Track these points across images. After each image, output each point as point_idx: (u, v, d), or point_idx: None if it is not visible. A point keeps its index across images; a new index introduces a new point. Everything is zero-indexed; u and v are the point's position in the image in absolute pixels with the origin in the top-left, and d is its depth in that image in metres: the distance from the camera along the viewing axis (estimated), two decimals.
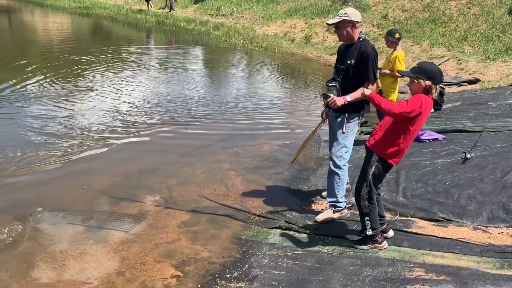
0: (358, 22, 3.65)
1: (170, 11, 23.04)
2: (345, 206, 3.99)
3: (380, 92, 3.41)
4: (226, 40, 16.43)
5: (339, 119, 3.83)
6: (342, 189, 3.89)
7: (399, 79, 5.66)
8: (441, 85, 4.28)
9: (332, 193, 3.93)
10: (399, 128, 3.09)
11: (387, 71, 5.59)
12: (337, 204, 3.93)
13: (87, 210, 4.22)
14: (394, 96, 5.70)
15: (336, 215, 3.95)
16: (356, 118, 3.80)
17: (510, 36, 12.09)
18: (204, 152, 5.78)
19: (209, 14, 21.26)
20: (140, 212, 4.21)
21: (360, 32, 3.76)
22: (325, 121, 4.07)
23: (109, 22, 22.13)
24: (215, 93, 9.30)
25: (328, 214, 3.97)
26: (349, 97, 3.52)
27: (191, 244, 3.70)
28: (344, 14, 3.62)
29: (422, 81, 2.96)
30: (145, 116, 7.17)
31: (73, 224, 3.97)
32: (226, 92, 9.39)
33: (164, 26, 20.12)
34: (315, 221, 3.94)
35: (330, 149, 4.00)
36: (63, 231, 3.86)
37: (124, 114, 7.25)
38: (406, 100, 3.02)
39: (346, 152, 3.83)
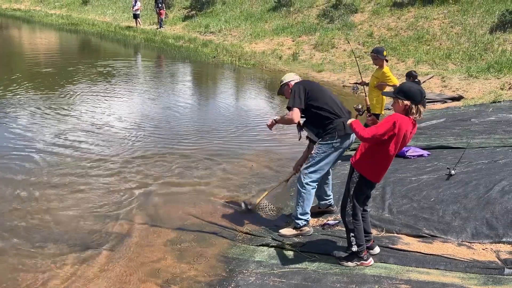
0: (291, 80, 4.16)
1: (159, 28, 23.14)
2: (305, 225, 4.01)
3: (368, 109, 3.48)
4: (215, 57, 16.53)
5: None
6: (302, 207, 3.94)
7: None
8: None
9: (295, 207, 4.04)
10: (377, 148, 3.14)
11: (383, 83, 5.71)
12: (296, 221, 3.99)
13: (70, 230, 4.16)
14: (380, 111, 5.82)
15: (295, 232, 4.01)
16: (330, 141, 3.86)
17: (492, 54, 12.38)
18: (190, 170, 5.75)
19: (198, 31, 21.40)
20: (126, 230, 4.17)
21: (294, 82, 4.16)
22: (297, 174, 4.38)
23: (97, 38, 22.13)
24: (202, 109, 9.31)
25: (289, 230, 4.06)
26: (276, 117, 4.18)
27: (177, 263, 3.66)
28: (281, 81, 4.27)
29: (400, 101, 3.03)
30: (125, 135, 7.13)
31: (57, 244, 3.91)
32: (214, 108, 9.41)
33: (153, 43, 20.18)
34: (278, 233, 4.03)
35: None
36: (50, 252, 3.79)
37: (104, 130, 7.21)
38: (381, 122, 3.09)
39: (313, 172, 3.92)
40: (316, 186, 4.00)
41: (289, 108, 3.94)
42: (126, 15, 26.95)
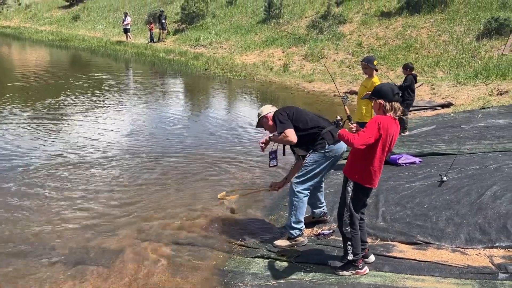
0: (268, 112, 4.15)
1: (150, 42, 23.23)
2: (299, 234, 4.01)
3: (349, 117, 3.52)
4: (206, 69, 16.61)
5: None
6: (295, 215, 3.94)
7: None
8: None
9: (288, 217, 4.03)
10: (366, 153, 3.17)
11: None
12: (290, 231, 3.99)
13: (61, 247, 4.11)
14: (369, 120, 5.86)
15: (289, 243, 4.00)
16: (321, 151, 3.89)
17: (479, 61, 12.58)
18: (184, 182, 5.74)
19: (188, 45, 21.51)
20: (118, 246, 4.13)
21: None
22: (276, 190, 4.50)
23: (88, 53, 22.15)
24: (194, 121, 9.32)
25: (283, 241, 4.04)
26: (271, 135, 4.16)
27: (171, 277, 3.63)
28: (258, 114, 4.25)
29: (375, 101, 3.17)
30: (118, 146, 7.12)
31: (50, 260, 3.86)
32: (206, 120, 9.42)
33: (144, 57, 20.24)
34: (273, 245, 4.02)
35: None
36: (38, 270, 3.75)
37: (95, 142, 7.19)
38: (368, 122, 3.15)
39: (304, 181, 3.93)
40: (308, 194, 4.01)
41: (281, 133, 3.94)
42: (117, 30, 27.05)
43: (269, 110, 4.17)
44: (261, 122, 4.23)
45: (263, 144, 4.21)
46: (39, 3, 39.06)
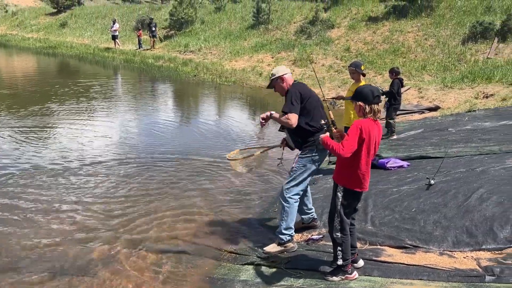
0: (284, 73, 4.02)
1: (138, 49, 23.16)
2: (289, 240, 4.01)
3: (333, 122, 3.54)
4: (195, 75, 16.60)
5: (295, 154, 4.05)
6: (286, 221, 3.95)
7: None
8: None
9: (279, 223, 4.04)
10: (352, 157, 3.20)
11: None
12: (280, 236, 3.99)
13: (50, 256, 4.07)
14: None
15: (279, 248, 4.00)
16: (309, 155, 3.91)
17: (465, 65, 12.76)
18: (173, 189, 5.71)
19: (177, 51, 21.50)
20: (107, 255, 4.10)
21: (295, 80, 4.11)
22: (282, 147, 4.33)
23: (76, 61, 22.02)
24: (184, 128, 9.30)
25: (273, 246, 4.04)
26: (274, 112, 4.00)
27: (161, 286, 3.61)
28: (272, 75, 4.07)
29: (355, 103, 3.23)
30: (103, 154, 7.07)
31: (38, 270, 3.81)
32: (196, 126, 9.41)
33: (132, 63, 20.18)
34: (263, 251, 4.01)
35: None
36: (30, 280, 3.70)
37: (87, 148, 7.14)
38: (349, 130, 3.18)
39: (294, 186, 3.94)
40: (298, 200, 4.02)
41: (285, 113, 3.84)
42: (105, 37, 26.94)
43: (284, 71, 4.04)
44: (274, 83, 4.06)
45: (264, 120, 4.08)
46: (26, 10, 38.77)
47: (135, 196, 5.48)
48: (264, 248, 4.04)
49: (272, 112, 4.01)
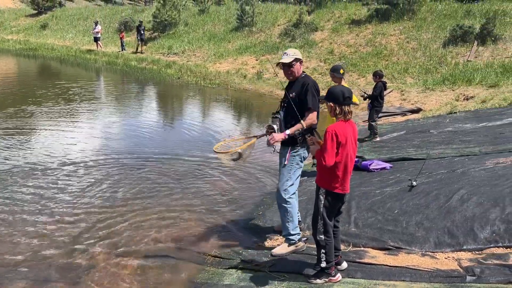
0: (302, 59, 3.99)
1: (121, 51, 22.93)
2: (300, 239, 4.02)
3: (306, 130, 3.59)
4: (179, 77, 16.51)
5: (282, 152, 3.99)
6: (292, 221, 3.94)
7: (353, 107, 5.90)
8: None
9: (283, 226, 4.00)
10: None
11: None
12: (290, 237, 3.97)
13: (29, 262, 3.98)
14: None
15: (291, 248, 3.98)
16: (300, 152, 3.90)
17: (446, 68, 12.97)
18: (156, 193, 5.65)
19: (161, 53, 21.36)
20: (88, 260, 4.02)
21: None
22: (267, 135, 4.13)
23: (57, 63, 21.68)
24: (167, 131, 9.23)
25: (283, 247, 4.00)
26: (288, 131, 3.78)
27: None
28: (294, 54, 3.90)
29: (327, 103, 3.26)
30: (84, 156, 6.96)
31: (15, 278, 3.72)
32: (180, 131, 9.34)
33: (115, 65, 19.97)
34: (271, 255, 3.95)
35: None
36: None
37: (65, 154, 7.02)
38: (324, 139, 3.19)
39: (291, 185, 3.92)
40: (296, 197, 3.99)
41: (309, 109, 3.75)
42: (87, 39, 26.61)
43: (301, 56, 3.96)
44: (295, 63, 3.89)
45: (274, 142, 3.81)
46: (5, 11, 38.00)
47: (116, 200, 5.40)
48: (273, 251, 3.97)
49: (287, 132, 3.78)
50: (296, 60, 3.91)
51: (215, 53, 19.24)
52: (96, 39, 24.00)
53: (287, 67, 3.94)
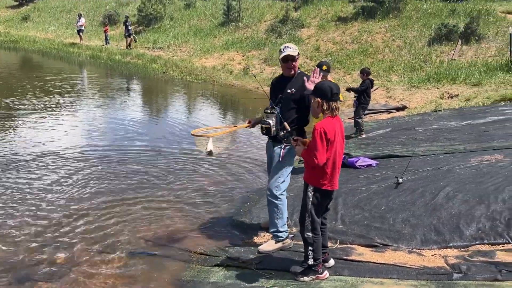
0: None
1: (105, 44, 22.56)
2: (287, 236, 3.99)
3: (290, 133, 3.56)
4: (164, 72, 16.32)
5: (276, 149, 3.92)
6: (281, 219, 3.91)
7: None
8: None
9: (272, 223, 3.95)
10: None
11: None
12: (278, 234, 3.94)
13: (7, 261, 3.86)
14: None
15: (278, 245, 3.95)
16: (291, 149, 3.85)
17: (431, 66, 13.09)
18: (141, 190, 5.55)
19: (146, 47, 21.09)
20: (70, 259, 3.92)
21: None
22: (248, 127, 4.13)
23: (39, 56, 21.23)
24: (151, 127, 9.11)
25: (270, 244, 3.96)
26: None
27: None
28: (296, 48, 3.87)
29: (314, 99, 3.20)
30: (68, 156, 6.82)
31: None
32: (164, 125, 9.23)
33: (99, 59, 19.64)
34: (258, 252, 3.92)
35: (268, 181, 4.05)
36: None
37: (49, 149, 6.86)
38: (313, 137, 3.13)
39: (282, 182, 3.89)
40: (286, 194, 3.95)
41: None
42: (70, 32, 26.13)
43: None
44: (297, 57, 3.89)
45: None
46: None
47: (98, 195, 5.28)
48: (259, 248, 3.94)
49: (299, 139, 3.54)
50: (298, 55, 3.90)
51: (201, 48, 19.08)
52: (79, 32, 23.57)
53: (291, 61, 3.88)
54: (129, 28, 21.50)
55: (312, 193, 3.28)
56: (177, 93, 13.25)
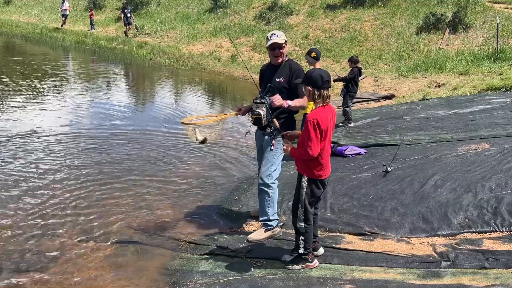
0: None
1: (90, 30, 22.10)
2: (277, 225, 3.98)
3: (278, 129, 3.52)
4: (151, 59, 16.09)
5: (266, 137, 3.87)
6: (272, 207, 3.89)
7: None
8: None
9: (262, 211, 3.93)
10: None
11: None
12: (268, 223, 3.92)
13: None
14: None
15: (268, 234, 3.93)
16: (280, 140, 3.82)
17: (419, 54, 13.13)
18: (128, 179, 5.48)
19: (132, 33, 20.73)
20: (57, 247, 3.85)
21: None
22: (238, 114, 4.08)
23: (22, 41, 20.72)
24: (138, 114, 8.99)
25: (260, 233, 3.95)
26: (291, 102, 3.66)
27: (116, 279, 3.44)
28: (283, 35, 3.84)
29: (304, 87, 3.17)
30: (54, 145, 6.69)
31: None
32: (151, 112, 9.11)
33: (84, 45, 19.26)
34: (247, 240, 3.90)
35: (259, 169, 4.01)
36: None
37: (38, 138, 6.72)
38: (306, 128, 3.09)
39: (274, 171, 3.86)
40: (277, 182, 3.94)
41: (301, 94, 3.59)
42: (54, 16, 25.52)
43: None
44: (285, 45, 3.87)
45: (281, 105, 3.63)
46: None
47: (85, 182, 5.20)
48: (249, 236, 3.91)
49: (288, 102, 3.65)
50: (285, 42, 3.86)
51: (189, 35, 18.82)
52: (64, 16, 23.02)
53: (278, 49, 3.84)
54: (128, 15, 20.20)
55: (307, 183, 3.25)
56: (165, 80, 13.07)
